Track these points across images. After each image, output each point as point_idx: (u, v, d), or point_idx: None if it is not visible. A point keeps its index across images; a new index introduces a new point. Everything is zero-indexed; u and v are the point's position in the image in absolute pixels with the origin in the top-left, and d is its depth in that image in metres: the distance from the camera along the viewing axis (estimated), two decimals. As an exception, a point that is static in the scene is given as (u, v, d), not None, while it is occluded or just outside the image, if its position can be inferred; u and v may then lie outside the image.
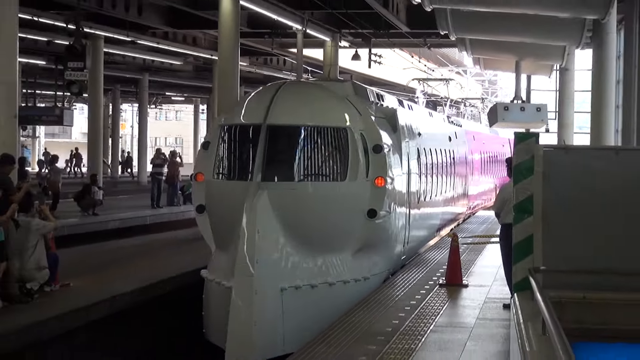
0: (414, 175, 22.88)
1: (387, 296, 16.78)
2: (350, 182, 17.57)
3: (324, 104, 19.00)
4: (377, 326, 13.84)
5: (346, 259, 17.81)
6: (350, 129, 17.77)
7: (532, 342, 7.12)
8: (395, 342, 12.68)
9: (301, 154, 17.86)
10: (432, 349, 12.40)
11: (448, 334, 13.51)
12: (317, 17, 36.45)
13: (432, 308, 15.66)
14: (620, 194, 9.39)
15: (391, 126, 20.83)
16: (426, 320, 14.50)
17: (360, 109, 18.89)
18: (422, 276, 19.47)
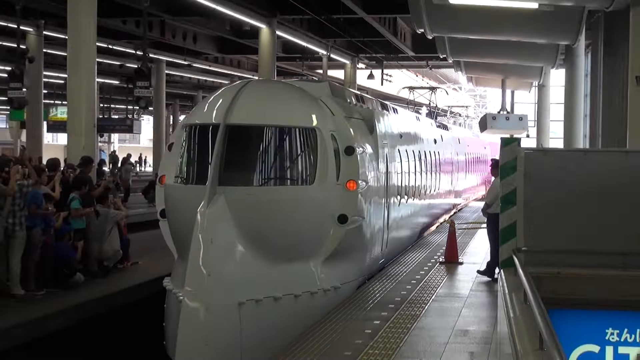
0: (394, 176, 18.36)
1: (397, 272, 16.72)
2: (318, 186, 13.62)
3: (291, 104, 14.81)
4: (389, 296, 13.86)
5: (314, 268, 13.78)
6: (319, 130, 13.79)
7: (515, 309, 7.12)
8: (404, 309, 12.69)
9: (264, 156, 14.13)
10: (434, 315, 12.40)
11: (447, 303, 13.51)
12: (339, 44, 36.48)
13: (433, 281, 15.64)
14: (588, 188, 9.38)
15: (368, 128, 16.34)
16: (429, 291, 14.50)
17: (334, 110, 14.66)
18: (425, 255, 19.38)
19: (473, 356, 10.04)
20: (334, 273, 14.01)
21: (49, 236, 15.27)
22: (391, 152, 18.06)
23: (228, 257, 12.80)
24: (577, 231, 9.27)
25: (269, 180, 13.96)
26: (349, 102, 16.52)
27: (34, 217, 14.63)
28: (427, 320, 11.99)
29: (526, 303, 6.68)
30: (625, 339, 8.89)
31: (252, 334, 12.43)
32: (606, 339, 8.88)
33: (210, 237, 12.27)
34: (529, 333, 6.00)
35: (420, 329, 11.43)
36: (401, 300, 13.50)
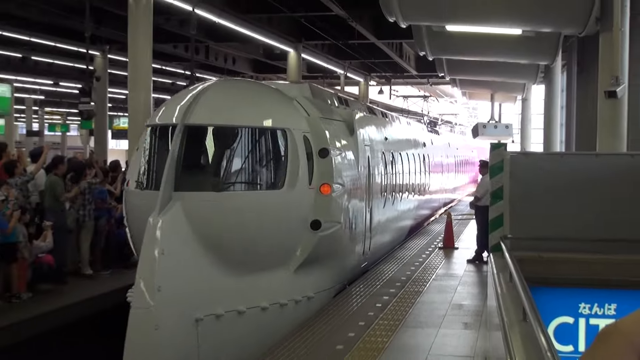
0: (378, 178, 15.49)
1: (403, 255, 16.70)
2: (288, 190, 10.90)
3: (259, 103, 12.01)
4: (396, 276, 13.85)
5: (284, 278, 11.14)
6: (290, 131, 11.14)
7: (502, 286, 7.11)
8: (408, 287, 12.69)
9: (228, 159, 11.38)
10: (434, 292, 12.40)
11: (445, 281, 13.49)
12: (354, 64, 36.49)
13: (433, 263, 15.60)
14: (564, 185, 9.36)
15: (349, 130, 13.50)
16: (429, 271, 14.47)
17: (309, 111, 12.06)
18: (426, 242, 19.35)
19: (467, 326, 10.03)
20: (307, 282, 11.45)
21: (112, 225, 15.68)
22: (375, 154, 15.26)
23: (183, 269, 9.98)
24: (554, 221, 9.25)
25: (233, 185, 11.23)
26: (329, 103, 13.90)
27: (100, 209, 15.10)
28: (428, 296, 12.00)
29: (511, 282, 6.67)
30: (595, 312, 8.89)
31: (211, 353, 10.18)
32: (579, 312, 8.87)
33: (161, 248, 9.56)
34: (514, 307, 5.99)
35: (423, 303, 11.44)
36: (406, 279, 13.50)
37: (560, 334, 8.80)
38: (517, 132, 36.46)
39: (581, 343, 8.96)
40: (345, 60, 34.06)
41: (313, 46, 30.53)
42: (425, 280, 13.39)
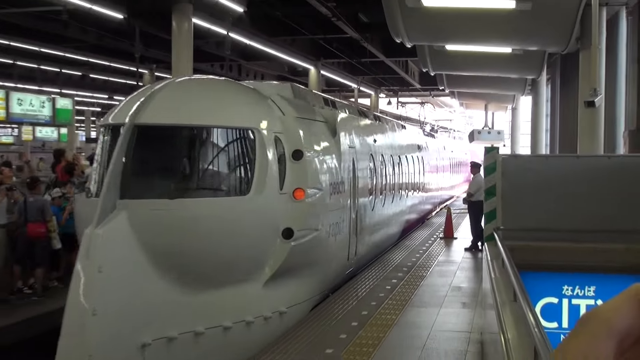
0: (365, 180, 13.01)
1: (409, 245, 16.66)
2: (255, 197, 8.59)
3: (224, 101, 9.57)
4: (404, 262, 13.82)
5: (252, 292, 8.80)
6: (258, 131, 8.84)
7: (495, 271, 7.10)
8: (413, 272, 12.66)
9: (184, 162, 8.94)
10: (436, 276, 12.36)
11: (445, 267, 13.45)
12: (366, 79, 36.44)
13: (435, 251, 15.56)
14: (548, 184, 9.32)
15: (331, 131, 11.18)
16: (432, 258, 14.44)
17: (285, 110, 9.70)
18: (429, 233, 19.29)
19: (464, 305, 10.00)
20: (279, 295, 9.09)
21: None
22: (362, 156, 12.87)
23: (126, 288, 7.66)
24: (540, 214, 9.22)
25: (190, 191, 8.67)
26: (312, 104, 11.51)
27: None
28: (431, 280, 11.97)
29: (503, 267, 6.65)
30: (577, 294, 8.85)
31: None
32: (562, 294, 8.84)
33: (98, 264, 7.32)
34: (506, 289, 5.97)
35: (426, 285, 11.41)
36: (412, 264, 13.47)
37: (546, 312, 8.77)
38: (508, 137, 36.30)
39: (564, 320, 8.93)
40: (358, 75, 34.05)
41: (330, 64, 30.54)
42: (428, 266, 13.36)
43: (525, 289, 5.16)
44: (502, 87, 27.58)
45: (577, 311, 8.89)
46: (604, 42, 13.00)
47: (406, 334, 8.35)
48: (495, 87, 27.66)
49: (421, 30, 15.53)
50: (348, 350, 7.51)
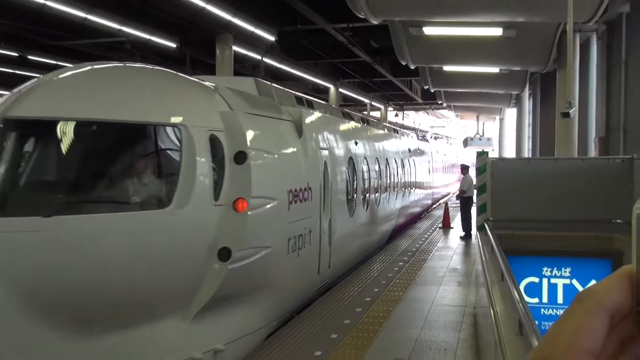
0: (341, 184, 9.96)
1: (414, 233, 16.59)
2: (177, 210, 5.57)
3: (142, 91, 6.16)
4: (409, 247, 13.76)
5: (174, 330, 5.75)
6: (187, 128, 5.86)
7: (486, 255, 7.06)
8: (417, 256, 12.61)
9: (74, 167, 5.78)
10: (436, 259, 12.30)
11: (444, 252, 13.38)
12: (376, 96, 36.36)
13: (435, 238, 15.49)
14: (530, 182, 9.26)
15: (296, 131, 8.27)
16: (432, 245, 14.37)
17: (235, 105, 6.80)
18: (430, 223, 19.20)
19: (460, 284, 9.94)
20: (214, 330, 6.21)
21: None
22: (337, 158, 9.85)
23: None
24: (523, 208, 9.17)
25: (77, 206, 5.55)
26: (278, 101, 8.53)
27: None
28: (432, 262, 11.92)
29: (492, 252, 6.62)
30: (554, 274, 8.80)
31: None
32: (542, 274, 8.79)
33: None
34: (495, 270, 5.94)
35: (428, 267, 11.37)
36: (416, 250, 13.42)
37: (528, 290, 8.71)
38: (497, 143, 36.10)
39: (544, 296, 8.87)
40: (370, 92, 34.00)
41: (347, 83, 30.49)
42: (429, 251, 13.31)
43: (511, 270, 5.13)
44: (491, 101, 27.46)
45: (555, 289, 8.82)
46: (577, 63, 12.96)
47: (411, 307, 8.33)
48: (485, 101, 27.52)
49: (423, 54, 15.52)
50: (363, 321, 7.51)
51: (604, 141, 14.08)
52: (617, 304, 0.43)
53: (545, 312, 8.88)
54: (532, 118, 24.64)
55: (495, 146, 35.97)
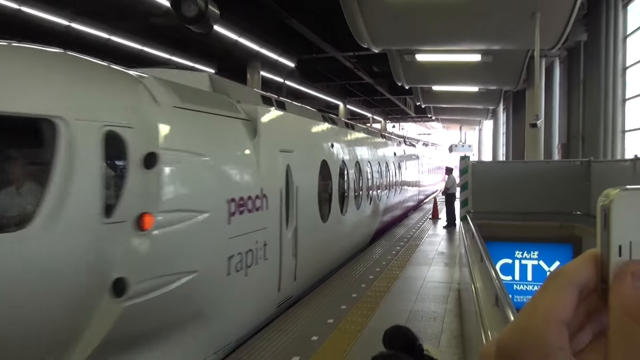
0: (311, 191, 7.54)
1: (408, 224, 16.50)
2: (41, 233, 2.94)
3: (7, 73, 3.06)
4: (405, 235, 13.67)
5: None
6: (64, 122, 3.06)
7: (468, 240, 7.01)
8: (411, 241, 12.54)
9: None
10: (426, 245, 12.21)
11: (433, 238, 13.29)
12: (378, 111, 36.24)
13: (426, 227, 15.40)
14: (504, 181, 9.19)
15: (249, 131, 5.48)
16: (424, 232, 14.27)
17: (162, 97, 4.05)
18: (421, 215, 19.09)
19: (446, 265, 9.87)
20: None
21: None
22: (308, 162, 7.62)
23: None
24: (499, 202, 9.10)
25: None
26: (233, 98, 6.07)
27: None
28: (423, 247, 11.84)
29: (473, 238, 6.57)
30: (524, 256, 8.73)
31: None
32: (515, 256, 8.72)
33: None
34: (475, 253, 5.90)
35: (420, 250, 11.30)
36: (410, 237, 13.33)
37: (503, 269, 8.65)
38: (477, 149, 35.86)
39: (516, 275, 8.80)
40: (372, 108, 33.90)
41: (353, 101, 30.44)
42: (421, 238, 13.23)
43: (488, 253, 5.10)
44: (472, 114, 27.30)
45: (525, 269, 8.74)
46: (543, 82, 12.87)
47: (406, 283, 8.29)
48: (467, 114, 27.38)
49: (415, 77, 15.47)
50: (367, 295, 7.50)
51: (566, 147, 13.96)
52: (584, 280, 0.43)
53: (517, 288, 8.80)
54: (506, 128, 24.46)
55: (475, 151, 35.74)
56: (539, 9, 8.38)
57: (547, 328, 0.41)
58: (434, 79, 16.12)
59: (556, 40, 9.64)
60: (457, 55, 12.43)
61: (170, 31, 13.73)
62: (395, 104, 31.37)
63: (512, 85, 15.86)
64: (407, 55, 12.62)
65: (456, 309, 6.75)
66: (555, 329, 0.41)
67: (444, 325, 6.12)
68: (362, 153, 11.35)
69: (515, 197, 9.05)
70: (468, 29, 9.62)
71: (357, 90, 25.51)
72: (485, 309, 3.81)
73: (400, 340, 3.19)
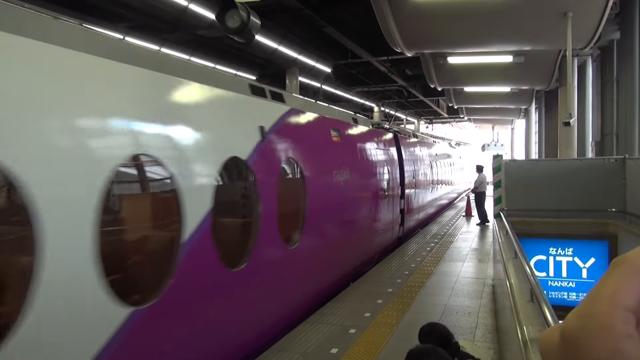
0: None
1: (442, 220, 16.27)
2: None
3: None
4: (438, 232, 13.48)
5: None
6: None
7: (502, 237, 6.85)
8: (444, 239, 12.34)
9: None
10: (460, 241, 12.01)
11: (466, 235, 13.05)
12: (411, 112, 35.91)
13: (459, 224, 15.13)
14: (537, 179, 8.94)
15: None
16: (457, 229, 14.04)
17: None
18: (455, 212, 18.79)
19: (480, 261, 9.66)
20: None
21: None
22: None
23: None
24: (531, 200, 8.86)
25: None
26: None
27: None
28: (457, 243, 11.64)
29: (507, 235, 6.42)
30: (559, 253, 8.46)
31: None
32: (549, 253, 8.47)
33: None
34: (509, 250, 5.76)
35: (454, 247, 11.11)
36: (444, 233, 13.14)
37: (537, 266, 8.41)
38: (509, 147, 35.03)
39: (551, 271, 8.54)
40: (405, 110, 33.58)
41: (388, 103, 30.23)
42: (454, 235, 13.01)
43: (523, 250, 4.96)
44: (504, 114, 26.67)
45: (559, 265, 8.48)
46: (575, 81, 12.45)
47: (441, 279, 8.17)
48: (499, 114, 26.76)
49: (447, 79, 15.25)
50: (402, 289, 7.42)
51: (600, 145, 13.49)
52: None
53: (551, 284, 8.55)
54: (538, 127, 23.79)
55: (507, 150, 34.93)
56: (570, 9, 8.09)
57: (613, 314, 0.38)
58: (466, 81, 15.83)
59: (588, 39, 9.29)
60: (489, 57, 12.16)
61: (215, 41, 13.97)
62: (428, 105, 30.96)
63: (544, 84, 15.41)
64: (439, 58, 12.43)
65: (490, 305, 6.60)
66: (622, 315, 0.38)
67: (479, 320, 5.98)
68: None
69: (548, 195, 8.79)
70: (499, 31, 9.39)
71: (392, 93, 25.33)
72: (520, 305, 3.70)
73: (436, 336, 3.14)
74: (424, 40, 10.50)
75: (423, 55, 12.89)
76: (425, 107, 32.38)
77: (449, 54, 12.02)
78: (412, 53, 11.03)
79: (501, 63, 12.41)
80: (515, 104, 21.65)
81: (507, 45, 10.75)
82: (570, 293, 8.40)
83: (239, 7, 5.45)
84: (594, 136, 14.28)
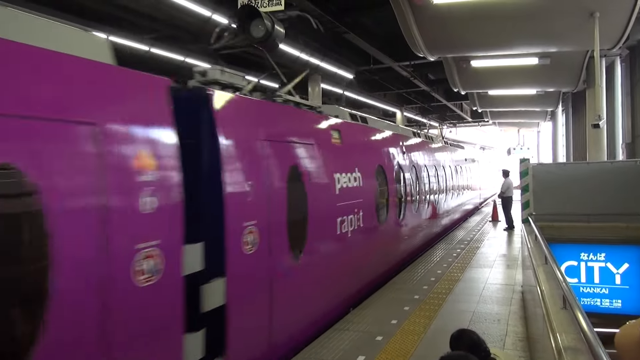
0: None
1: (468, 226, 16.05)
2: None
3: None
4: (464, 237, 13.30)
5: None
6: None
7: (531, 243, 6.71)
8: (471, 244, 12.17)
9: None
10: (487, 247, 11.83)
11: (493, 240, 12.84)
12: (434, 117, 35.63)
13: (486, 230, 14.90)
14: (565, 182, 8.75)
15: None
16: (484, 235, 13.83)
17: None
18: (481, 218, 18.51)
19: (508, 267, 9.50)
20: None
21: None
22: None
23: None
24: (560, 204, 8.67)
25: None
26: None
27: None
28: (484, 249, 11.47)
29: (536, 240, 6.29)
30: (590, 258, 8.26)
31: None
32: (580, 258, 8.27)
33: None
34: (539, 255, 5.64)
35: (481, 253, 10.95)
36: (470, 239, 12.96)
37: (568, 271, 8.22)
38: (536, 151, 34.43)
39: (582, 277, 8.34)
40: (428, 114, 33.32)
41: (410, 108, 30.05)
42: (481, 240, 12.82)
43: (553, 255, 4.86)
44: (530, 117, 26.25)
45: (591, 271, 8.27)
46: (604, 82, 12.16)
47: (468, 285, 8.05)
48: (525, 117, 26.33)
49: (471, 82, 15.09)
50: (429, 296, 7.34)
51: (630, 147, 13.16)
52: None
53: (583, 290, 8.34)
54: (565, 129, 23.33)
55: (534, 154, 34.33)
56: (597, 9, 7.92)
57: None
58: (490, 84, 15.63)
59: (616, 40, 9.07)
60: (513, 60, 11.99)
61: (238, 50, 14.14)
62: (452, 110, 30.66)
63: (571, 86, 15.11)
64: (462, 62, 12.32)
65: (520, 312, 6.46)
66: None
67: (509, 328, 5.87)
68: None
69: (577, 199, 8.59)
70: (524, 33, 9.25)
71: (414, 97, 25.17)
72: (552, 312, 3.61)
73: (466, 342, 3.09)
74: (446, 44, 10.43)
75: (446, 60, 12.80)
76: (449, 112, 32.08)
77: (472, 57, 11.90)
78: (435, 57, 10.95)
79: (526, 65, 12.22)
80: (541, 106, 21.31)
81: (532, 47, 10.59)
82: (603, 299, 8.17)
83: (263, 16, 5.51)
84: (624, 138, 13.92)
